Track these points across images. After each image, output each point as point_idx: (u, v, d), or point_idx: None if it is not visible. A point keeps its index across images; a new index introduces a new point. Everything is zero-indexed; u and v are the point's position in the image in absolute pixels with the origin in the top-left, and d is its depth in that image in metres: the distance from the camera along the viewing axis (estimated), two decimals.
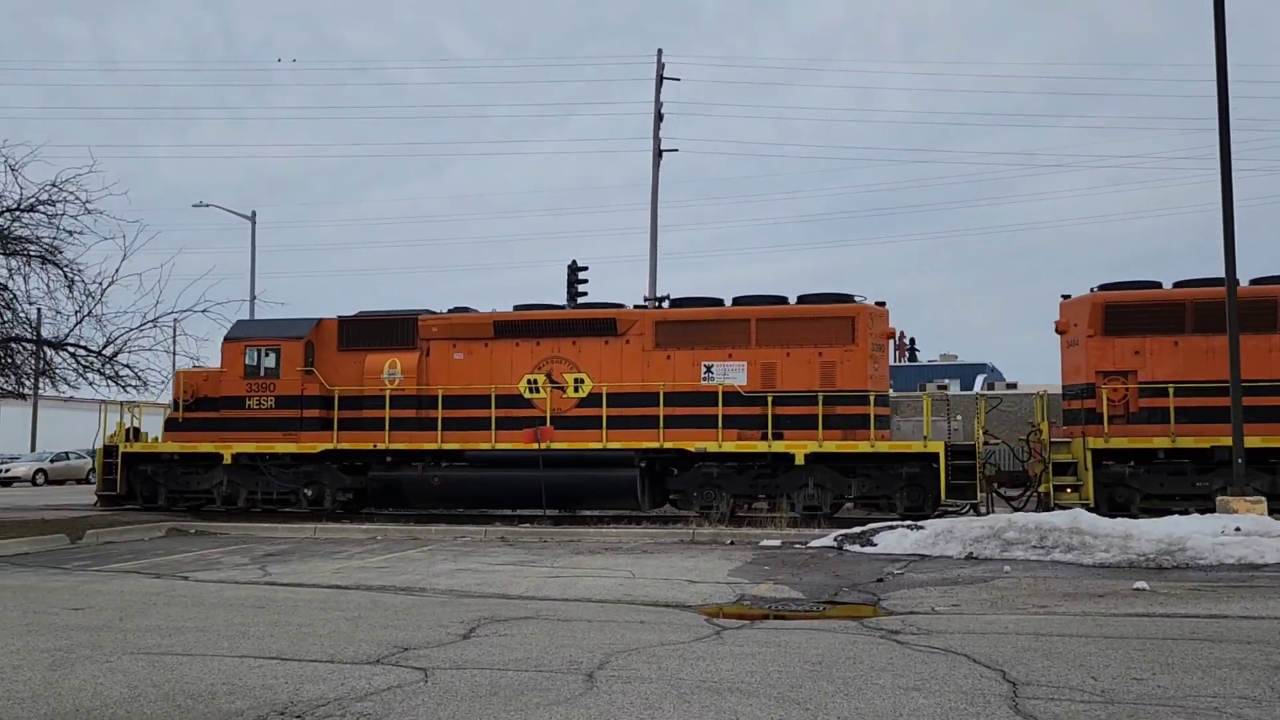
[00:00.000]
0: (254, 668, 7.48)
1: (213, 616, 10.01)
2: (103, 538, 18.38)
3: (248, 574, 13.71)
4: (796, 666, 7.48)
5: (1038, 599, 10.99)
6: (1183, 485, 19.30)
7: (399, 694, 6.67)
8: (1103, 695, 6.58)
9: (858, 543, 16.10)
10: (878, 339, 20.95)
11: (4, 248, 19.14)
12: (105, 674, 7.29)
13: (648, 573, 13.48)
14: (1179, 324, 19.70)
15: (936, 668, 7.44)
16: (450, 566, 14.32)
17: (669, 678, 7.11)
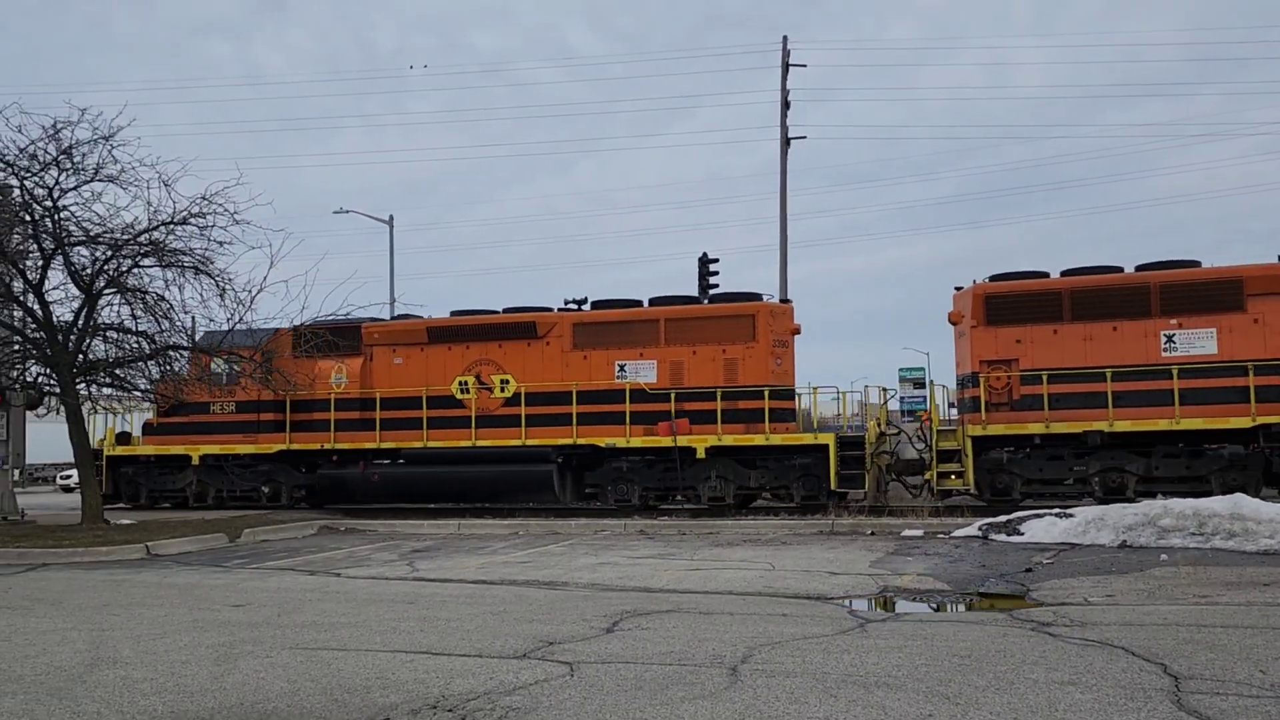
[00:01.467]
0: (405, 662, 7.69)
1: (365, 612, 10.33)
2: (259, 536, 19.13)
3: (396, 570, 14.10)
4: (945, 660, 7.33)
5: (1198, 588, 10.54)
6: (1060, 470, 19.58)
7: (546, 688, 6.77)
8: (1272, 690, 6.28)
9: (1003, 532, 15.71)
10: (780, 336, 21.69)
11: (160, 260, 20.05)
12: (266, 668, 7.59)
13: (788, 564, 13.39)
14: (1057, 312, 19.88)
15: (1092, 661, 7.20)
16: (591, 560, 14.47)
17: (814, 671, 7.05)
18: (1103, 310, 19.55)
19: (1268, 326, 18.88)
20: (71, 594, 12.17)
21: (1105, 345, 19.42)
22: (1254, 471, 18.70)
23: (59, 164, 18.84)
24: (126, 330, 20.46)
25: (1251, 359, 18.67)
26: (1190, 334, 19.17)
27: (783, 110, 34.21)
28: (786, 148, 34.09)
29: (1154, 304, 19.40)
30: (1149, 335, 19.35)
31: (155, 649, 8.47)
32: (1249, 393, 18.51)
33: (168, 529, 19.08)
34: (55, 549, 16.56)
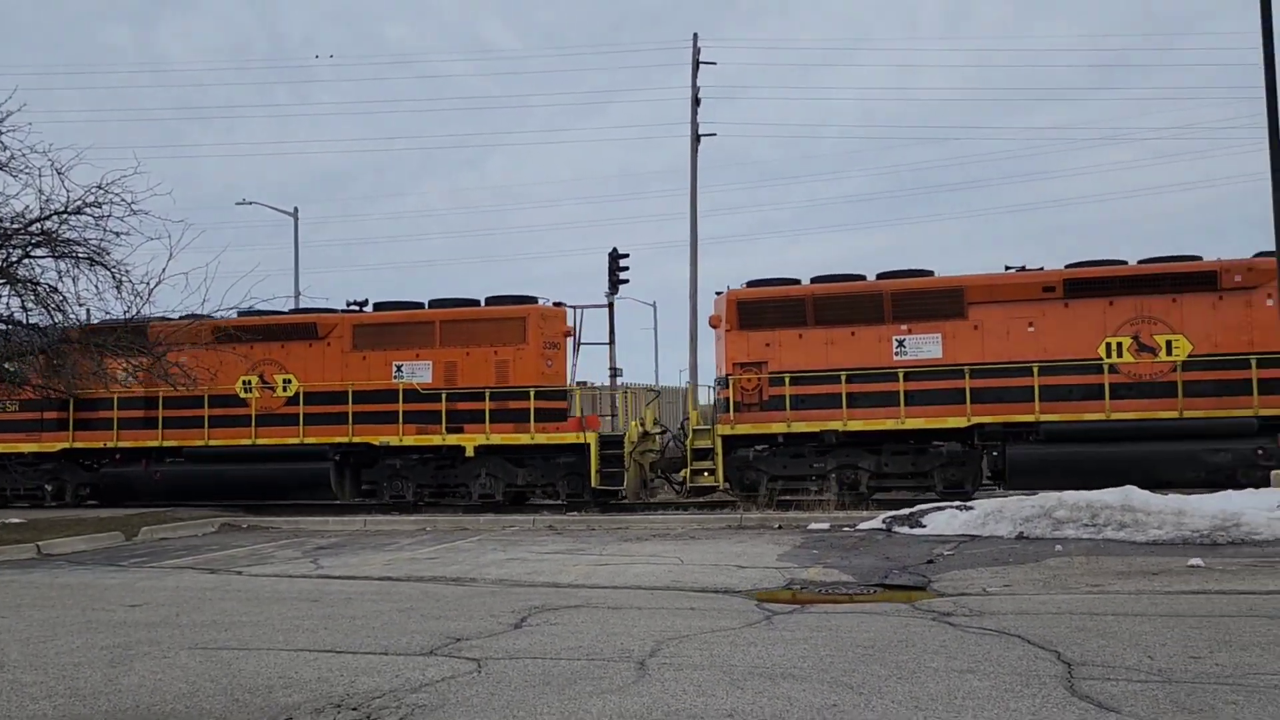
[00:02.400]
0: (309, 661, 7.57)
1: (267, 611, 10.14)
2: (157, 534, 18.66)
3: (300, 567, 13.87)
4: (849, 650, 7.45)
5: (1091, 578, 10.87)
6: (803, 466, 20.71)
7: (453, 685, 6.72)
8: (1160, 674, 6.51)
9: (906, 524, 16.01)
10: (552, 338, 22.60)
11: (53, 250, 19.38)
12: (164, 670, 7.41)
13: (696, 559, 13.48)
14: (802, 318, 21.00)
15: (990, 649, 7.38)
16: (499, 556, 14.41)
17: (721, 664, 7.11)
18: (842, 316, 20.75)
19: (986, 332, 20.19)
20: None
21: (844, 349, 20.63)
22: (971, 467, 20.12)
23: None
24: (16, 323, 19.75)
25: (970, 362, 20.02)
26: (918, 339, 20.43)
27: (693, 107, 34.39)
28: (697, 144, 34.28)
29: (887, 311, 20.62)
30: (882, 340, 20.57)
31: (45, 651, 8.20)
32: (965, 394, 19.82)
33: (60, 527, 18.49)
34: None
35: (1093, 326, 19.76)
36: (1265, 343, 19.00)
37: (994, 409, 19.81)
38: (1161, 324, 19.56)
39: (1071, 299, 19.91)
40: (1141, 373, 19.56)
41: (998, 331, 20.17)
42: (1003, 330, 20.16)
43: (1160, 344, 19.53)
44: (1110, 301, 19.79)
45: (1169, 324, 19.53)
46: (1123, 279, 19.91)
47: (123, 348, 20.26)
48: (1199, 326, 19.40)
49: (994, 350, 20.10)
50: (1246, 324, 19.25)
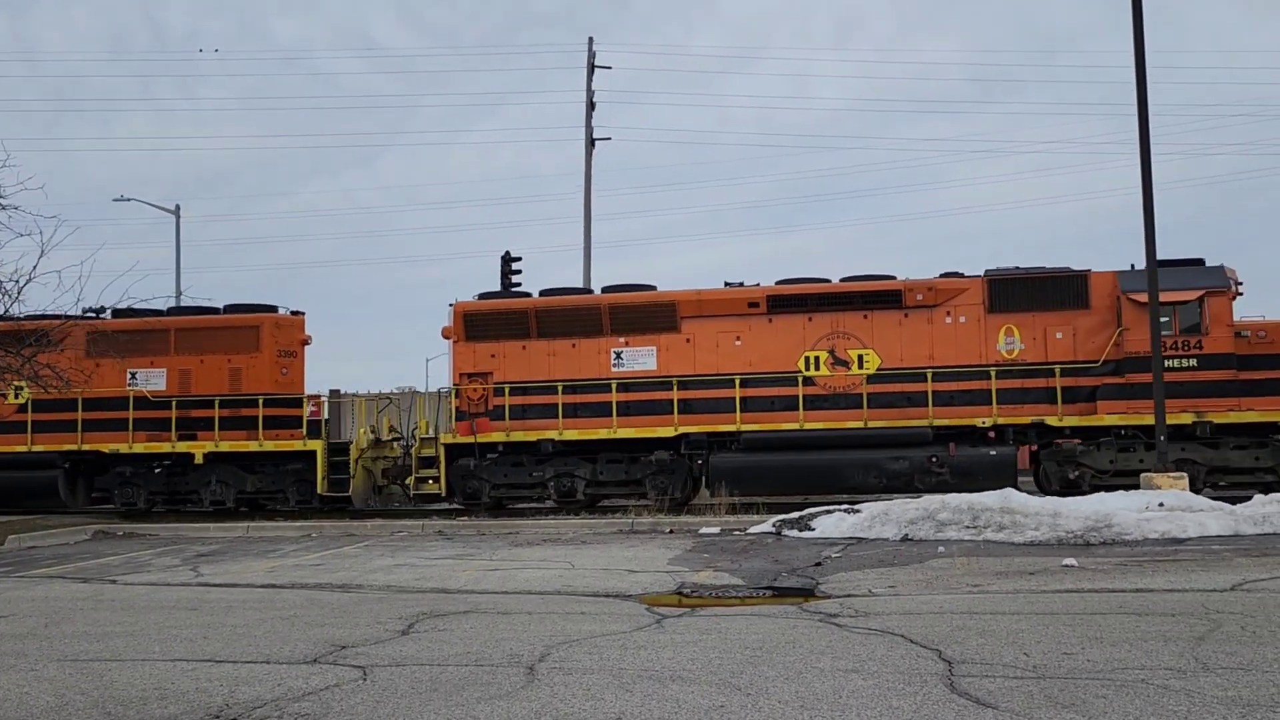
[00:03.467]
0: (187, 671, 7.34)
1: (143, 620, 9.81)
2: (25, 542, 17.95)
3: (179, 575, 13.46)
4: (737, 652, 7.51)
5: (971, 578, 11.15)
6: (523, 475, 21.35)
7: (337, 693, 6.58)
8: (1035, 670, 6.70)
9: (796, 528, 16.22)
10: (286, 346, 23.01)
11: None
12: (30, 683, 7.11)
13: (587, 563, 13.46)
14: (526, 330, 21.72)
15: (874, 649, 7.52)
16: (387, 562, 14.18)
17: (610, 668, 7.11)
18: (564, 329, 21.49)
19: (697, 345, 21.10)
20: None
21: (565, 361, 21.38)
22: (680, 475, 20.86)
23: None
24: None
25: (682, 374, 20.92)
26: (635, 351, 21.26)
27: (588, 111, 34.41)
28: (591, 148, 34.30)
29: (605, 324, 21.39)
30: (601, 352, 21.35)
31: None
32: (673, 405, 20.74)
33: None
34: None
35: (794, 341, 20.75)
36: (944, 357, 20.27)
37: (699, 419, 20.70)
38: (855, 339, 20.65)
39: (775, 314, 20.89)
40: (836, 385, 20.60)
41: (708, 345, 21.11)
42: (712, 344, 21.09)
43: (853, 358, 20.62)
44: (810, 317, 20.81)
45: (861, 339, 20.62)
46: (820, 296, 20.93)
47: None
48: (887, 342, 20.54)
49: (705, 363, 21.00)
50: (928, 339, 20.43)
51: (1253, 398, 19.24)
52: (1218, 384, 19.28)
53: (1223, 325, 19.37)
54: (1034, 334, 20.07)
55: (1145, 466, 18.90)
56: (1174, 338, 19.36)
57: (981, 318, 20.30)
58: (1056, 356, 19.97)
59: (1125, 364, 19.58)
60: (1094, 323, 19.94)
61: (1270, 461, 19.21)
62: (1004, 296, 20.26)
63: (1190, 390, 19.32)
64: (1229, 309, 19.46)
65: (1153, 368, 18.13)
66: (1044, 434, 20.07)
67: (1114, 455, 19.70)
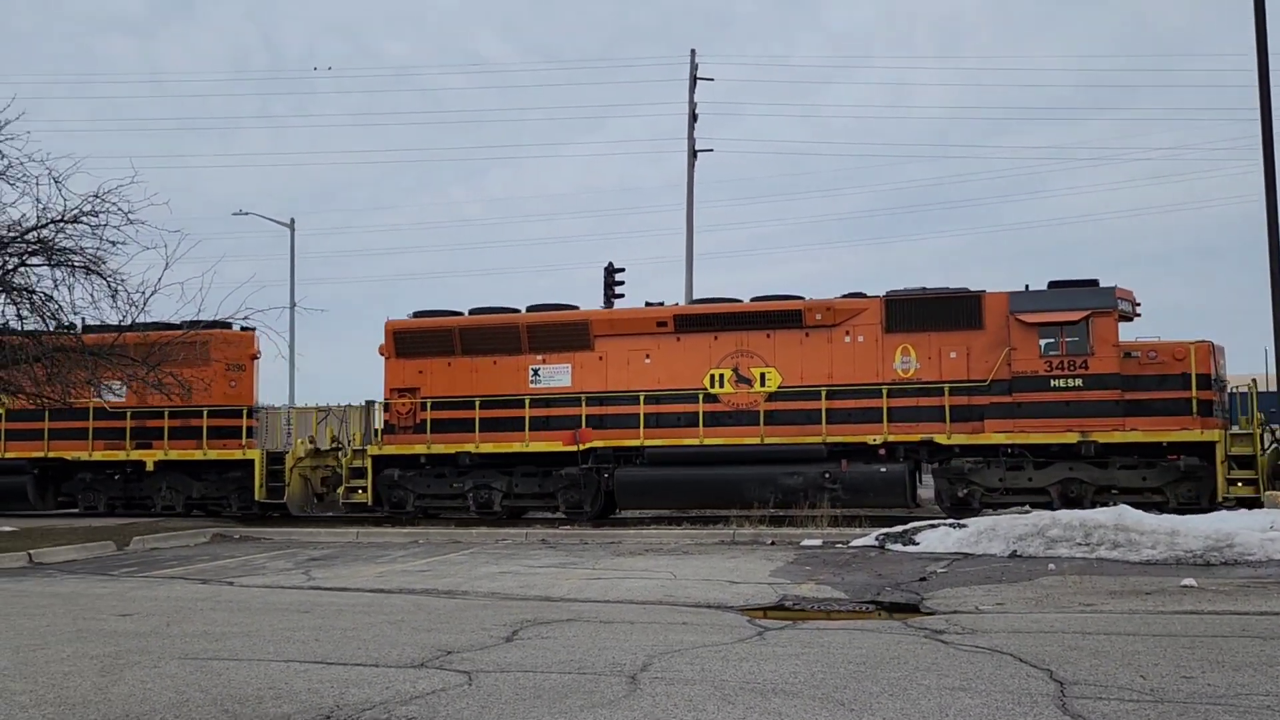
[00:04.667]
0: (299, 672, 7.54)
1: (258, 621, 10.10)
2: (148, 544, 18.61)
3: (292, 579, 13.83)
4: (840, 667, 7.44)
5: (1084, 597, 10.86)
6: (444, 486, 22.36)
7: (443, 697, 6.69)
8: (1152, 694, 6.50)
9: (899, 541, 16.00)
10: (235, 360, 23.95)
11: (49, 259, 19.37)
12: (153, 679, 7.37)
13: (689, 574, 13.46)
14: (451, 348, 22.56)
15: (982, 667, 7.37)
16: (492, 569, 14.37)
17: (712, 679, 7.10)
18: (487, 347, 22.31)
19: (609, 363, 21.75)
20: None
21: (487, 377, 22.22)
22: (590, 489, 21.56)
23: None
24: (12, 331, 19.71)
25: (593, 391, 21.57)
26: (551, 368, 22.01)
27: (690, 123, 34.50)
28: (693, 160, 34.38)
29: (524, 342, 22.18)
30: (520, 369, 22.15)
31: (35, 660, 8.17)
32: (582, 420, 21.39)
33: (52, 536, 18.46)
34: None
35: (700, 359, 21.26)
36: (842, 375, 20.66)
37: (606, 434, 21.34)
38: (758, 358, 21.10)
39: (682, 334, 21.45)
40: (739, 402, 21.04)
41: (619, 362, 21.71)
42: (624, 361, 21.69)
43: (756, 376, 21.07)
44: (715, 336, 21.32)
45: (764, 358, 21.07)
46: (725, 316, 21.47)
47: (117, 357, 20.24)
48: (789, 360, 20.97)
49: (616, 380, 21.61)
50: (828, 358, 20.83)
51: (1137, 418, 19.26)
52: (1102, 404, 19.36)
53: (1108, 346, 19.40)
54: (929, 353, 20.37)
55: (1034, 485, 19.54)
56: (1061, 358, 19.54)
57: (879, 337, 20.67)
58: (950, 375, 20.22)
59: (1013, 383, 19.74)
60: (987, 342, 20.10)
61: (1157, 482, 19.21)
62: (901, 316, 20.58)
63: (1076, 410, 19.44)
64: (1115, 330, 19.50)
65: None
66: (936, 452, 20.24)
67: (1003, 474, 19.89)
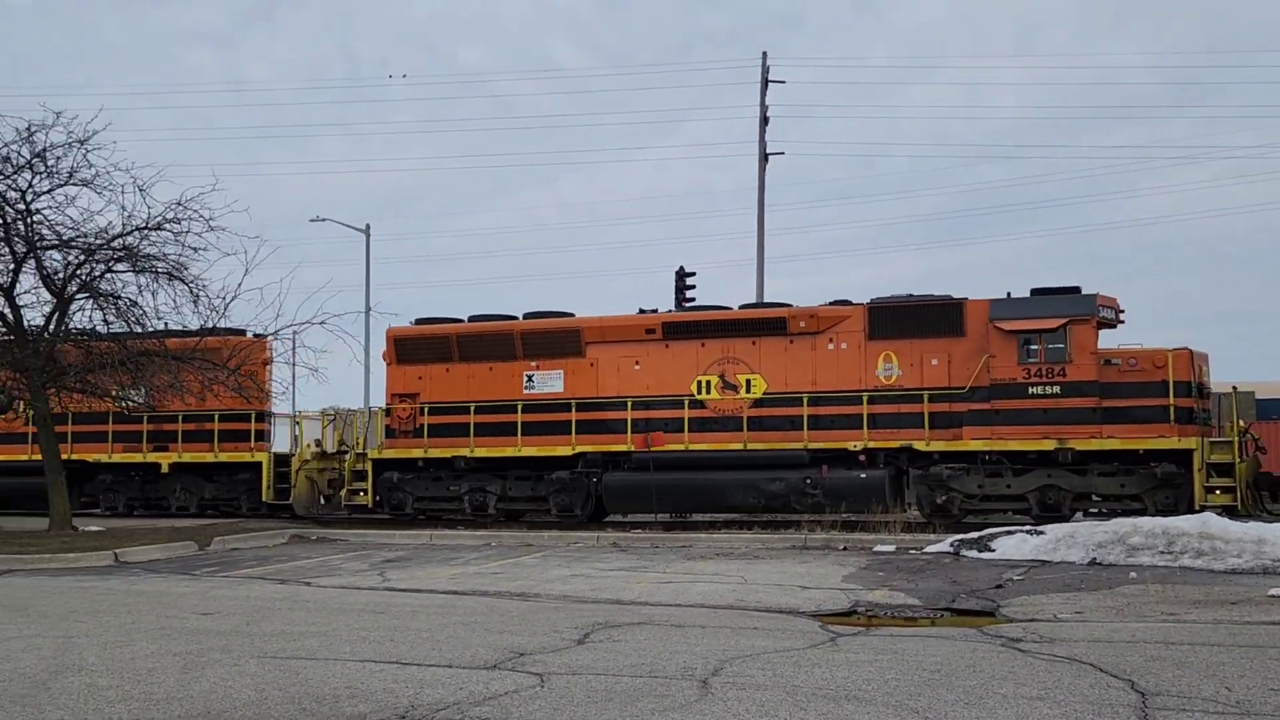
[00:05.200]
0: (375, 672, 7.65)
1: (335, 621, 10.26)
2: (229, 544, 18.99)
3: (367, 580, 14.02)
4: (914, 674, 7.35)
5: (1166, 606, 10.62)
6: (441, 489, 22.82)
7: (516, 699, 6.74)
8: (1238, 707, 6.33)
9: (975, 548, 15.79)
10: (249, 367, 23.36)
11: (134, 265, 19.92)
12: (234, 677, 7.53)
13: (760, 578, 13.41)
14: (449, 354, 23.04)
15: (1061, 677, 7.24)
16: (563, 572, 14.45)
17: (784, 685, 7.06)
18: (483, 353, 22.77)
19: (600, 370, 22.11)
20: (37, 601, 12.04)
21: (483, 383, 22.63)
22: (580, 493, 21.90)
23: (32, 167, 18.72)
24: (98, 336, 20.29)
25: (584, 397, 21.94)
26: (545, 375, 22.39)
27: (761, 126, 34.39)
28: (765, 163, 34.26)
29: (519, 349, 22.59)
30: (515, 375, 22.53)
31: (121, 656, 8.38)
32: (572, 426, 21.77)
33: (136, 536, 18.93)
34: (21, 555, 16.37)
35: (688, 366, 21.56)
36: (826, 382, 20.80)
37: (595, 439, 21.72)
38: (744, 364, 21.33)
39: (670, 341, 21.75)
40: (725, 408, 21.28)
41: (610, 369, 22.07)
42: (614, 368, 22.04)
43: (741, 382, 21.29)
44: (703, 343, 21.59)
45: (750, 365, 21.30)
46: (712, 323, 21.71)
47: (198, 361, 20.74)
48: (774, 367, 21.18)
49: (607, 386, 21.98)
50: (811, 365, 21.02)
51: (1115, 425, 19.19)
52: (1079, 411, 19.31)
53: (1086, 353, 19.34)
54: (911, 360, 20.42)
55: (1013, 491, 19.61)
56: (1039, 364, 19.54)
57: (862, 344, 20.80)
58: (932, 382, 20.24)
59: (991, 390, 19.74)
60: (968, 350, 20.11)
61: (1136, 489, 19.09)
62: (883, 324, 20.71)
63: (1053, 417, 19.42)
64: (1093, 337, 19.42)
65: None
66: (916, 458, 20.25)
67: (982, 480, 19.88)
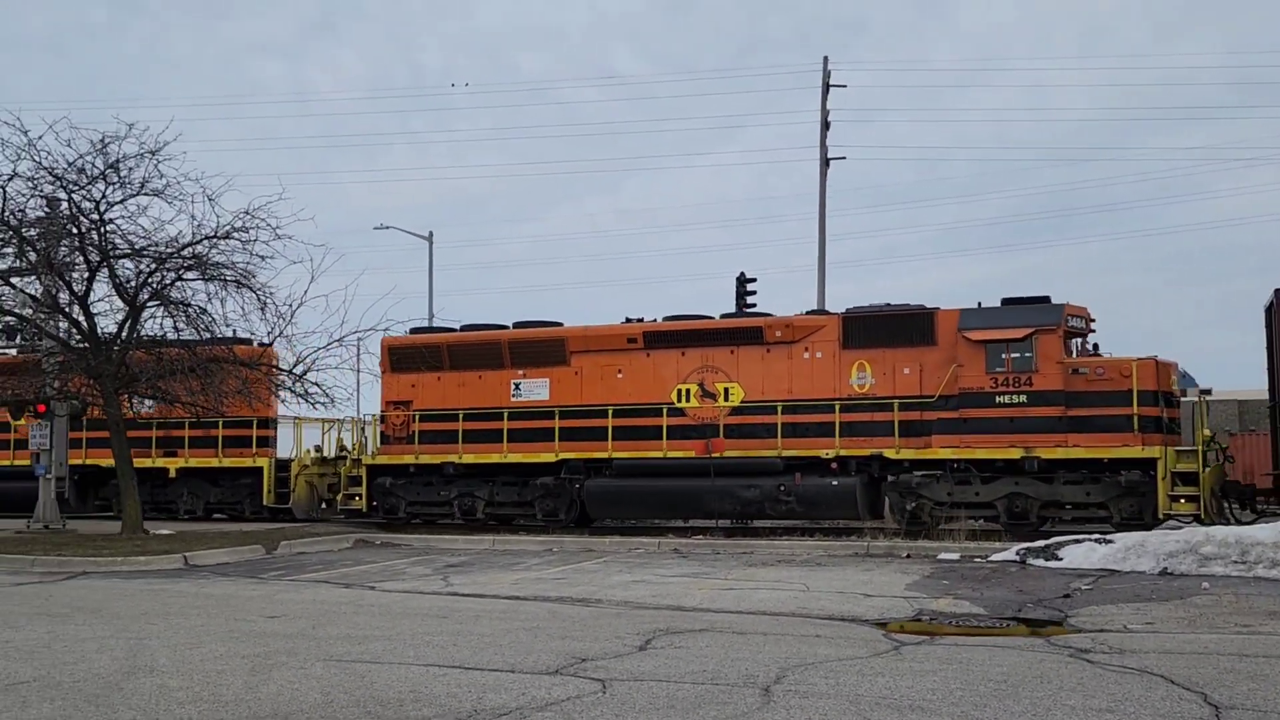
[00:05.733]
0: (438, 676, 7.71)
1: (399, 626, 10.37)
2: (295, 548, 19.27)
3: (431, 584, 14.15)
4: (980, 685, 7.26)
5: (1240, 617, 10.38)
6: (432, 494, 23.57)
7: (578, 704, 6.76)
8: None
9: (1041, 557, 15.55)
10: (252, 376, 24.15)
11: (203, 273, 20.29)
12: (300, 680, 7.63)
13: (822, 586, 13.32)
14: (440, 363, 23.68)
15: (1131, 689, 7.10)
16: (625, 578, 14.46)
17: (847, 694, 7.00)
18: (473, 362, 23.38)
19: (584, 378, 22.61)
20: (110, 602, 12.31)
21: (473, 391, 23.27)
22: (565, 498, 22.46)
23: (106, 178, 19.11)
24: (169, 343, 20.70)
25: (569, 404, 22.47)
26: (531, 383, 22.98)
27: (822, 131, 34.18)
28: (826, 168, 34.04)
29: (506, 358, 23.16)
30: (503, 384, 23.13)
31: (191, 658, 8.54)
32: (555, 433, 22.39)
33: (206, 540, 19.27)
34: (95, 558, 16.74)
35: (669, 374, 22.05)
36: (802, 390, 21.10)
37: (577, 446, 22.28)
38: (722, 373, 21.72)
39: (651, 350, 22.22)
40: (703, 416, 21.64)
41: (594, 377, 22.59)
42: (597, 376, 22.57)
43: (720, 390, 21.69)
44: (683, 352, 22.04)
45: (728, 373, 21.69)
46: (692, 332, 22.19)
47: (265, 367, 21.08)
48: (751, 376, 21.56)
49: (592, 394, 22.47)
50: (787, 374, 21.33)
51: (1081, 434, 19.25)
52: (1045, 420, 19.45)
53: (1052, 363, 19.42)
54: (885, 369, 20.70)
55: (981, 499, 19.77)
56: (1006, 374, 19.68)
57: (837, 353, 21.10)
58: (904, 391, 20.46)
59: (960, 399, 19.89)
60: (940, 359, 20.30)
61: (1101, 497, 19.15)
62: (858, 333, 21.02)
63: (1020, 426, 19.58)
64: (1059, 346, 19.52)
65: None
66: (887, 466, 20.45)
67: (951, 488, 20.01)
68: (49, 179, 19.22)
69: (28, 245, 19.49)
